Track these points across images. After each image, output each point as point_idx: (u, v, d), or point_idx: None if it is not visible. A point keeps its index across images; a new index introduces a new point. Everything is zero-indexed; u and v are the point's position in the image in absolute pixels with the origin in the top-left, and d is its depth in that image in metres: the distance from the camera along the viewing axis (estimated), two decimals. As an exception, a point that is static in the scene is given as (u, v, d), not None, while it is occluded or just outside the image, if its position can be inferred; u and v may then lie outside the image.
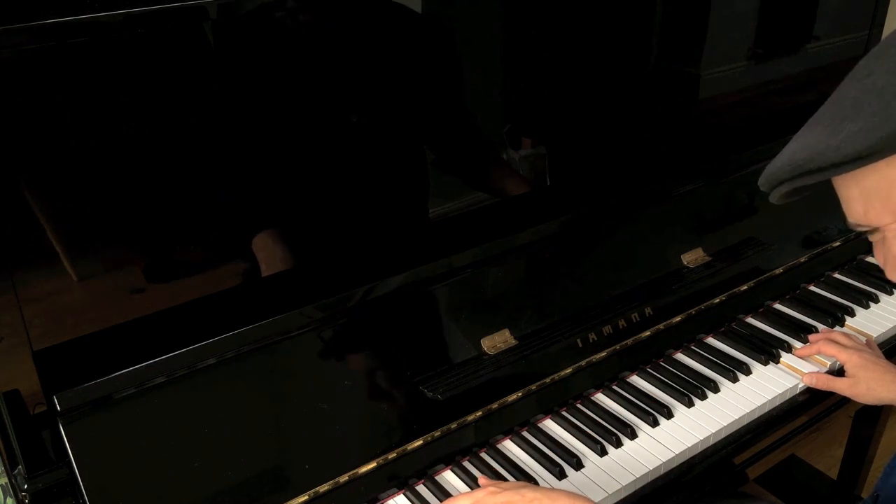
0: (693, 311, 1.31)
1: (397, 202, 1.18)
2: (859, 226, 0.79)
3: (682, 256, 1.36)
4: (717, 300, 1.34)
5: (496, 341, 1.15)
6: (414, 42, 1.10)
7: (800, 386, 1.21)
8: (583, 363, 1.18)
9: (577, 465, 1.05)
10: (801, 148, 0.74)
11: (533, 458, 1.08)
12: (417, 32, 1.10)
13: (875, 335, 1.32)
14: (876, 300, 1.42)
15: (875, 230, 0.78)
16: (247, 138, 1.00)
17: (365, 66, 1.05)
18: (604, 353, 1.21)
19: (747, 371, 1.23)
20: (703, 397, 1.18)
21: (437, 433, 1.06)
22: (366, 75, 1.06)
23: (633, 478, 1.04)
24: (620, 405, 1.17)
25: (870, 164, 0.70)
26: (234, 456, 0.95)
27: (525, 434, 1.12)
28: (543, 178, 1.29)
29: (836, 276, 1.49)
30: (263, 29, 0.97)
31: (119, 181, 0.91)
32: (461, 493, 0.94)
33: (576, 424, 1.13)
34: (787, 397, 1.20)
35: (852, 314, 1.38)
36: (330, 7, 1.01)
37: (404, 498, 1.03)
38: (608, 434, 1.10)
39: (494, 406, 1.11)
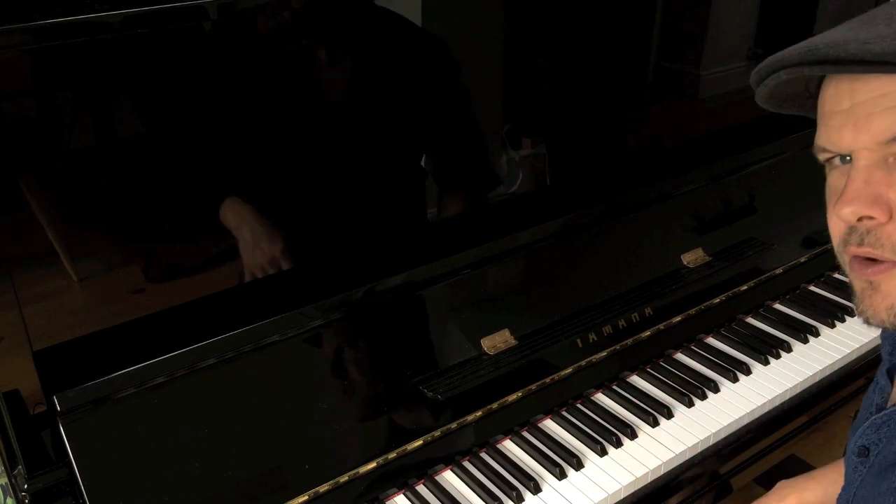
0: (693, 311, 1.31)
1: (396, 202, 1.18)
2: (826, 151, 0.72)
3: (682, 256, 1.36)
4: (717, 300, 1.34)
5: (496, 341, 1.15)
6: (410, 49, 1.10)
7: (800, 385, 1.21)
8: (583, 363, 1.18)
9: (578, 465, 1.05)
10: (821, 38, 0.67)
11: (533, 458, 1.07)
12: (414, 41, 1.10)
13: (875, 334, 1.32)
14: (876, 300, 1.41)
15: (840, 162, 0.71)
16: (247, 139, 1.00)
17: (362, 72, 1.05)
18: (604, 353, 1.21)
19: (747, 371, 1.23)
20: (703, 397, 1.18)
21: (437, 433, 1.06)
22: (363, 80, 1.06)
23: (633, 478, 1.04)
24: (620, 405, 1.17)
25: (887, 73, 0.64)
26: (234, 456, 0.95)
27: (525, 434, 1.12)
28: (543, 178, 1.29)
29: (836, 276, 1.49)
30: (262, 32, 0.97)
31: (119, 181, 0.91)
32: None
33: (576, 424, 1.12)
34: (787, 397, 1.20)
35: (852, 314, 1.37)
36: (330, 14, 1.01)
37: (404, 498, 1.02)
38: (608, 434, 1.10)
39: (494, 406, 1.11)
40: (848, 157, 0.70)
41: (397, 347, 1.11)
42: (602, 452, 1.07)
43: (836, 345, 1.29)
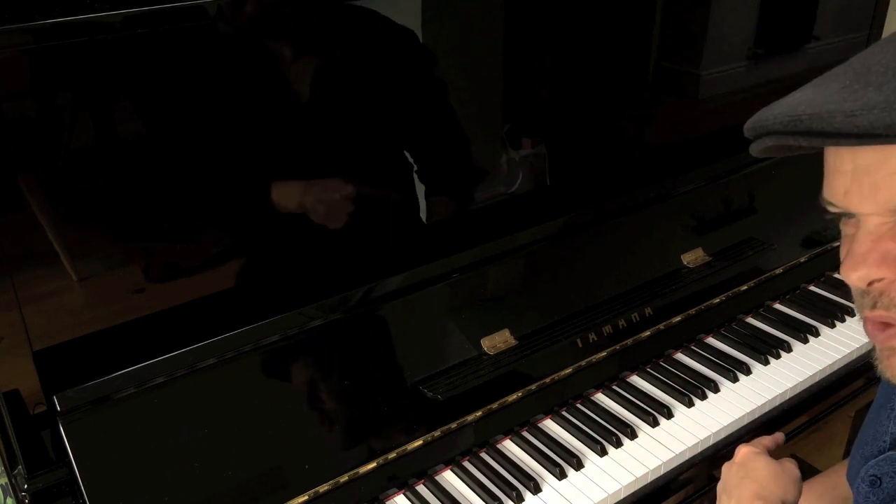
0: (693, 311, 1.31)
1: (396, 203, 1.18)
2: (833, 206, 0.67)
3: (682, 256, 1.36)
4: (717, 300, 1.34)
5: (496, 341, 1.15)
6: (403, 50, 1.10)
7: (800, 385, 1.21)
8: (583, 363, 1.18)
9: (578, 465, 1.05)
10: (807, 101, 0.61)
11: (533, 458, 1.08)
12: (400, 40, 1.10)
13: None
14: (876, 300, 1.41)
15: (848, 216, 0.67)
16: (246, 140, 1.00)
17: (348, 70, 1.05)
18: (604, 353, 1.21)
19: (747, 371, 1.23)
20: (703, 397, 1.18)
21: (437, 433, 1.06)
22: (348, 78, 1.06)
23: (633, 478, 1.04)
24: (620, 405, 1.17)
25: (878, 144, 0.58)
26: (234, 456, 0.95)
27: (525, 434, 1.12)
28: (543, 178, 1.29)
29: (836, 276, 1.49)
30: (257, 33, 0.97)
31: (119, 181, 0.91)
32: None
33: (576, 424, 1.12)
34: (787, 397, 1.20)
35: (852, 314, 1.38)
36: (320, 16, 1.01)
37: (404, 498, 1.02)
38: (608, 434, 1.10)
39: (494, 406, 1.11)
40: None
41: (397, 347, 1.11)
42: (602, 452, 1.07)
43: (836, 345, 1.30)
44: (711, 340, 1.32)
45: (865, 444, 0.85)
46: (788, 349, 1.28)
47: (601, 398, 1.19)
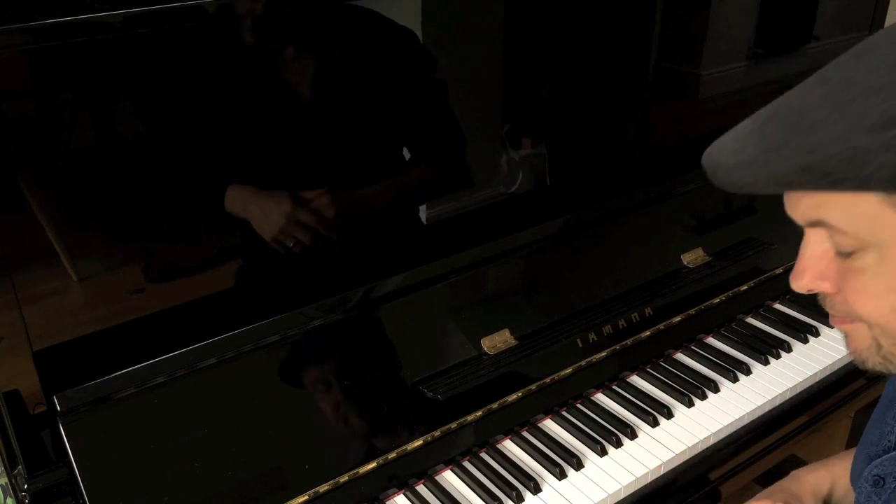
0: (693, 311, 1.31)
1: (397, 202, 1.18)
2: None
3: (682, 256, 1.36)
4: (717, 300, 1.34)
5: (496, 341, 1.15)
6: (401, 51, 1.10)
7: (800, 385, 1.21)
8: (583, 363, 1.18)
9: (577, 465, 1.05)
10: (717, 147, 0.70)
11: (533, 458, 1.07)
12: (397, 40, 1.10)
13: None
14: (876, 300, 1.41)
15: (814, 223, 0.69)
16: (246, 139, 1.00)
17: (347, 69, 1.05)
18: (604, 353, 1.21)
19: (747, 371, 1.23)
20: (703, 397, 1.18)
21: (437, 433, 1.06)
22: (347, 78, 1.06)
23: (633, 478, 1.04)
24: (620, 405, 1.17)
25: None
26: (233, 456, 0.95)
27: (525, 434, 1.12)
28: (543, 178, 1.29)
29: (836, 276, 1.49)
30: (257, 33, 0.97)
31: (119, 181, 0.91)
32: None
33: (576, 424, 1.12)
34: (787, 397, 1.20)
35: (852, 314, 1.37)
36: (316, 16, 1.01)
37: (404, 498, 1.02)
38: (608, 434, 1.10)
39: (494, 406, 1.11)
40: None
41: (397, 347, 1.11)
42: (602, 452, 1.07)
43: (837, 345, 1.29)
44: (711, 340, 1.32)
45: (870, 444, 0.85)
46: (788, 349, 1.28)
47: (601, 398, 1.19)
